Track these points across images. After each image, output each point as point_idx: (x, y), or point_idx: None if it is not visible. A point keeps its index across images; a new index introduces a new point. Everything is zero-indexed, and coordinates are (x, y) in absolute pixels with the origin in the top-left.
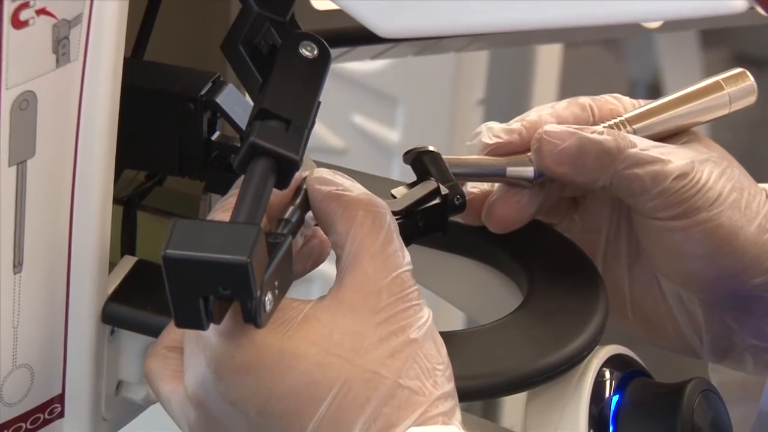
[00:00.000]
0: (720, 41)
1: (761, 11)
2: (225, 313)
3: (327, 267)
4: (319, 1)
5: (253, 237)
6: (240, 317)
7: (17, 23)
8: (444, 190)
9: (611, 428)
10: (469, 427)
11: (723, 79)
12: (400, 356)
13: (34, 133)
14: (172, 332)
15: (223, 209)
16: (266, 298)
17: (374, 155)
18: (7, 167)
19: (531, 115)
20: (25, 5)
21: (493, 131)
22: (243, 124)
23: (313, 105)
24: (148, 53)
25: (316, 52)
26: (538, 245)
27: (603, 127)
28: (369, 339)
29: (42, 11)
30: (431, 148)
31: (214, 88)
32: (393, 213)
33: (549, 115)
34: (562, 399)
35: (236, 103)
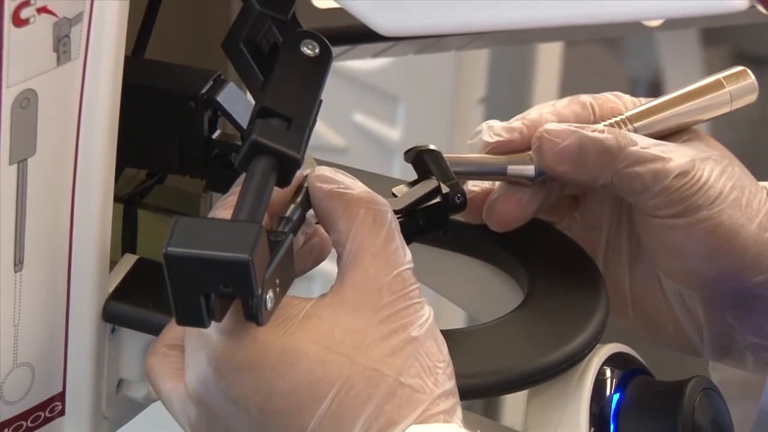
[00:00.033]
0: (721, 39)
1: (762, 9)
2: (226, 311)
3: (328, 265)
4: (321, 0)
5: (255, 235)
6: (241, 315)
7: (18, 21)
8: (445, 189)
9: (612, 426)
10: (470, 426)
11: (724, 78)
12: (402, 354)
13: (35, 132)
14: (173, 330)
15: (225, 207)
16: (267, 296)
17: (375, 154)
18: (8, 165)
19: (532, 114)
20: (26, 3)
21: (494, 130)
22: (244, 123)
23: (315, 103)
24: (149, 52)
25: (318, 51)
26: (539, 244)
27: (604, 126)
28: (370, 337)
29: (43, 9)
30: (432, 147)
31: (215, 87)
32: (394, 211)
33: (550, 114)
34: (563, 397)
35: (237, 102)
